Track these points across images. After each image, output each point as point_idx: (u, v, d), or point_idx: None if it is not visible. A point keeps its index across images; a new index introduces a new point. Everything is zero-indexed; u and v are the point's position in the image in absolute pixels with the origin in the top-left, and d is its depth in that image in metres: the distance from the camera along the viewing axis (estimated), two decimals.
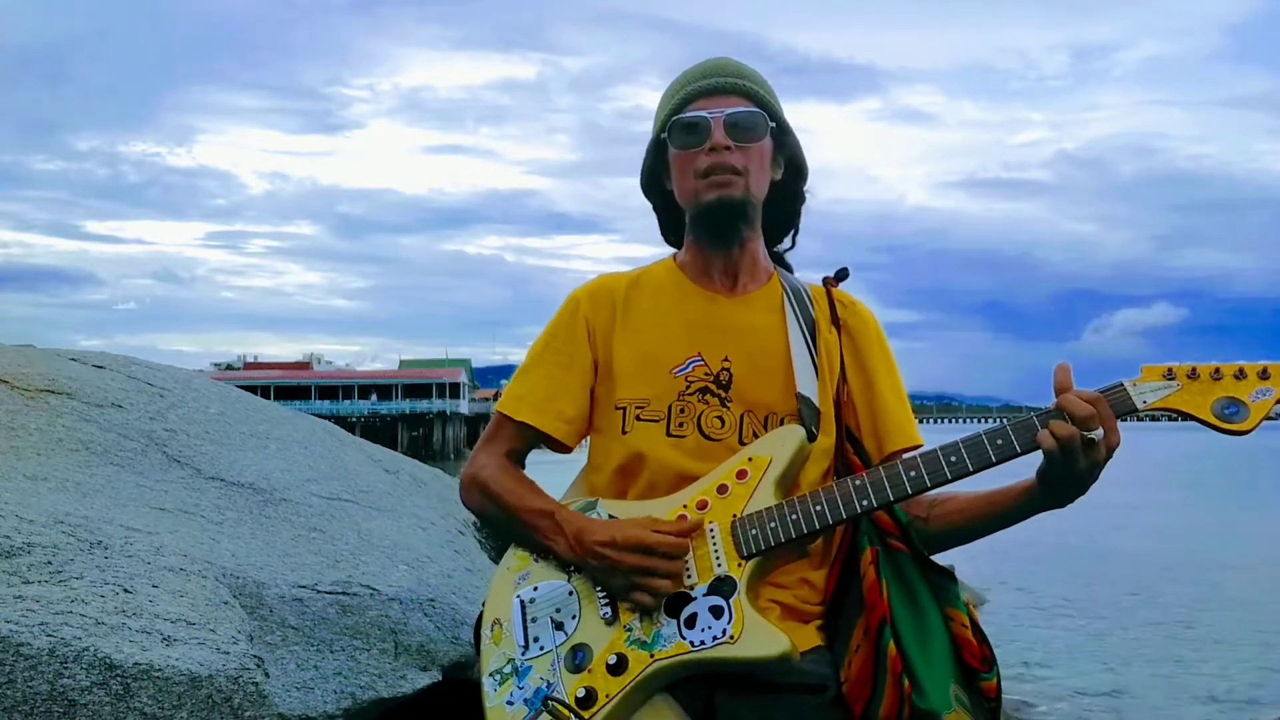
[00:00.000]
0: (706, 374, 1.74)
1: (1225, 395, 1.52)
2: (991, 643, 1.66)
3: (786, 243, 1.96)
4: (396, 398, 75.29)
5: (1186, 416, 1.54)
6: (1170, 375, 1.54)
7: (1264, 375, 1.52)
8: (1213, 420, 1.51)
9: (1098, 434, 1.51)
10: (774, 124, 1.80)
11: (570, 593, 1.69)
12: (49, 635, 1.88)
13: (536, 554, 1.76)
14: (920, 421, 1.91)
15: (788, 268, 1.97)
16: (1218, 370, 1.53)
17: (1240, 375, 1.52)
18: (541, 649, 1.67)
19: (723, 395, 1.73)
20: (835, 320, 1.83)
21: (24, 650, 1.84)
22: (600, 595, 1.66)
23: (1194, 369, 1.54)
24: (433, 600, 2.89)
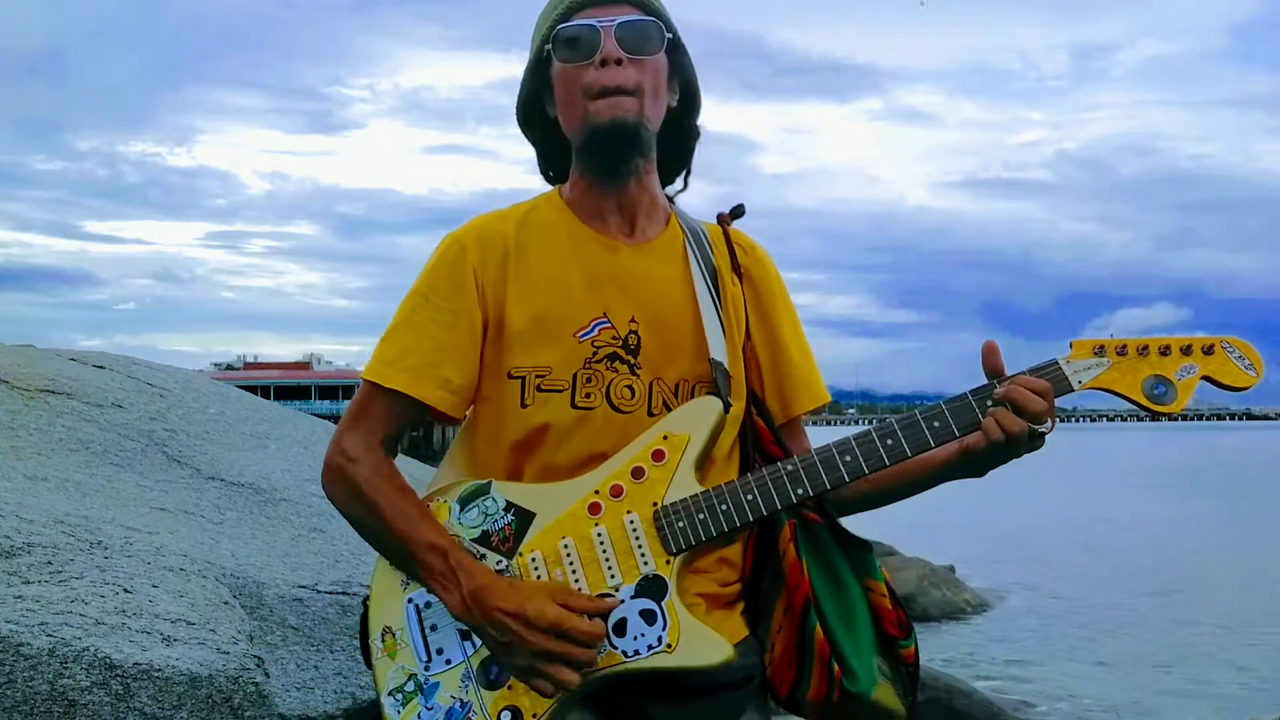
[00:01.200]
0: (614, 338, 1.54)
1: (1153, 374, 1.48)
2: (907, 608, 1.62)
3: (678, 184, 1.73)
4: None
5: (1118, 395, 1.49)
6: (1100, 352, 1.50)
7: (1186, 351, 1.48)
8: (1144, 401, 1.47)
9: (1047, 426, 1.45)
10: (670, 36, 1.58)
11: None
12: (49, 635, 1.88)
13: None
14: None
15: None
16: (1145, 346, 1.49)
17: (1165, 351, 1.49)
18: (448, 662, 1.49)
19: (632, 362, 1.54)
20: (736, 267, 1.65)
21: (24, 650, 1.84)
22: None
23: (1123, 344, 1.49)
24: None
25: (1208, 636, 9.81)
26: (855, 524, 1.67)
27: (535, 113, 1.67)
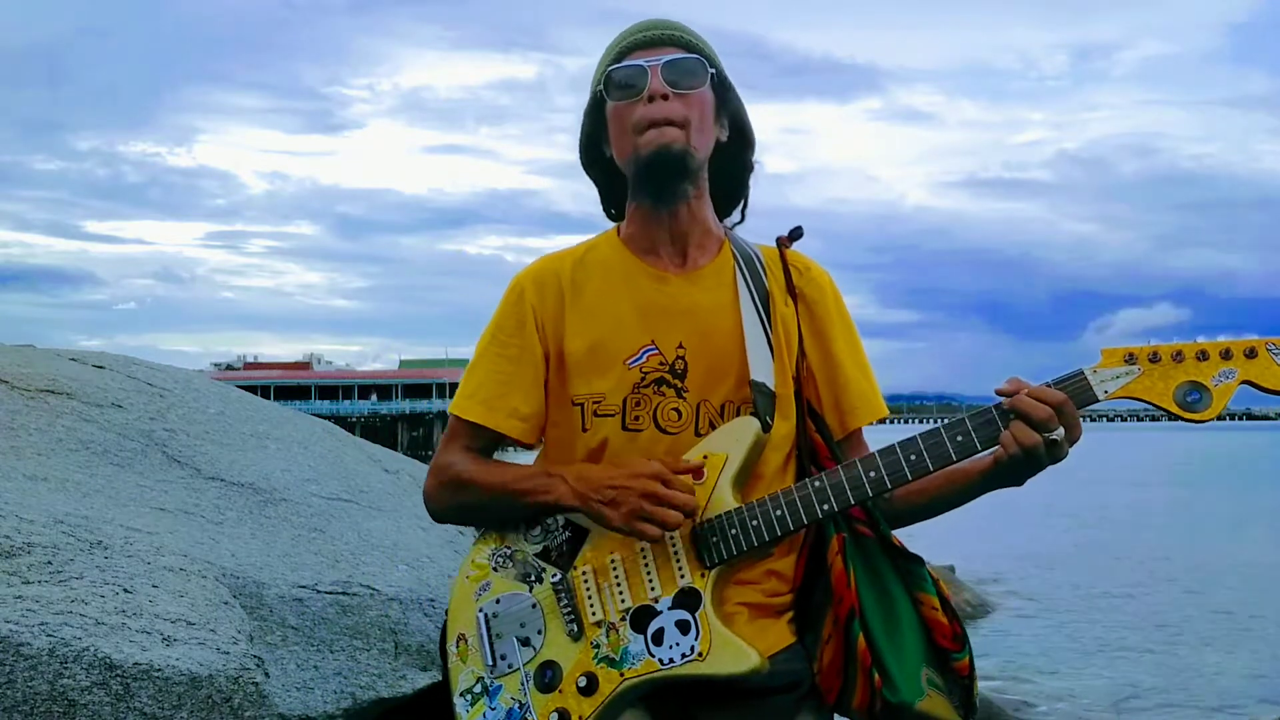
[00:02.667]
0: (661, 364, 1.67)
1: (1188, 380, 1.44)
2: (963, 621, 1.64)
3: (736, 216, 1.85)
4: (396, 398, 75.30)
5: (1148, 404, 1.46)
6: (1131, 359, 1.45)
7: (1226, 355, 1.43)
8: (1174, 409, 1.43)
9: (1059, 433, 1.46)
10: (714, 71, 1.72)
11: (534, 606, 1.64)
12: (49, 635, 1.88)
13: (496, 564, 1.70)
14: (920, 421, 1.84)
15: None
16: (1179, 352, 1.44)
17: (1203, 356, 1.43)
18: (510, 667, 1.63)
19: (678, 386, 1.66)
20: (791, 289, 1.74)
21: (24, 650, 1.84)
22: (564, 609, 1.61)
23: (1155, 351, 1.45)
24: (433, 600, 2.89)
25: (1208, 636, 9.81)
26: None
27: (595, 154, 1.79)
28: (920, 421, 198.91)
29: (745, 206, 1.85)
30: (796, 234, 1.79)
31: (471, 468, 1.71)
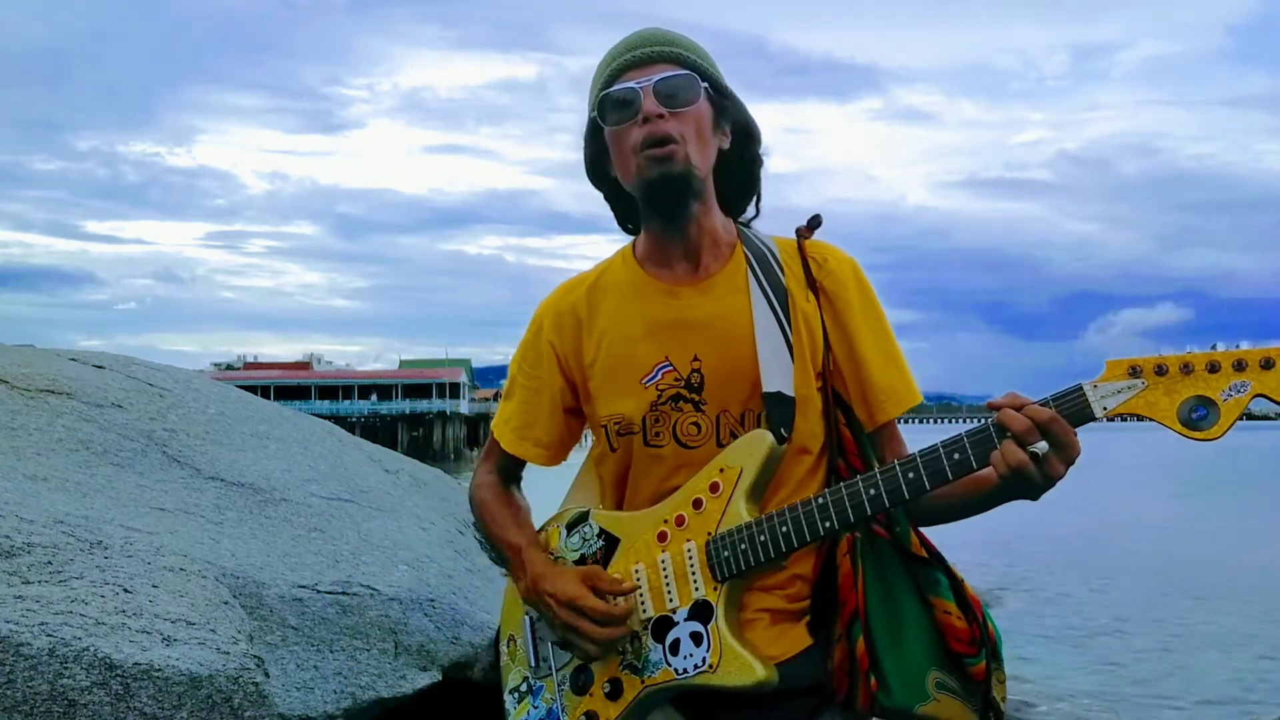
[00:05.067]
0: (677, 379, 1.68)
1: (1194, 395, 1.33)
2: (989, 623, 1.62)
3: (751, 211, 1.83)
4: (396, 398, 75.26)
5: (1153, 421, 1.36)
6: (1135, 372, 1.35)
7: (1239, 366, 1.31)
8: (1178, 428, 1.33)
9: (1041, 448, 1.40)
10: (707, 85, 1.70)
11: None
12: (49, 635, 1.88)
13: None
14: (920, 422, 1.82)
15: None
16: (1188, 364, 1.34)
17: (1213, 368, 1.32)
18: (550, 669, 1.72)
19: (696, 399, 1.68)
20: (811, 283, 1.72)
21: (24, 650, 1.84)
22: None
23: (1161, 363, 1.34)
24: (433, 600, 2.89)
25: (1208, 636, 9.81)
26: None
27: (600, 174, 1.80)
28: (920, 422, 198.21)
29: (759, 200, 1.83)
30: (815, 223, 1.77)
31: (490, 502, 1.85)
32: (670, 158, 1.64)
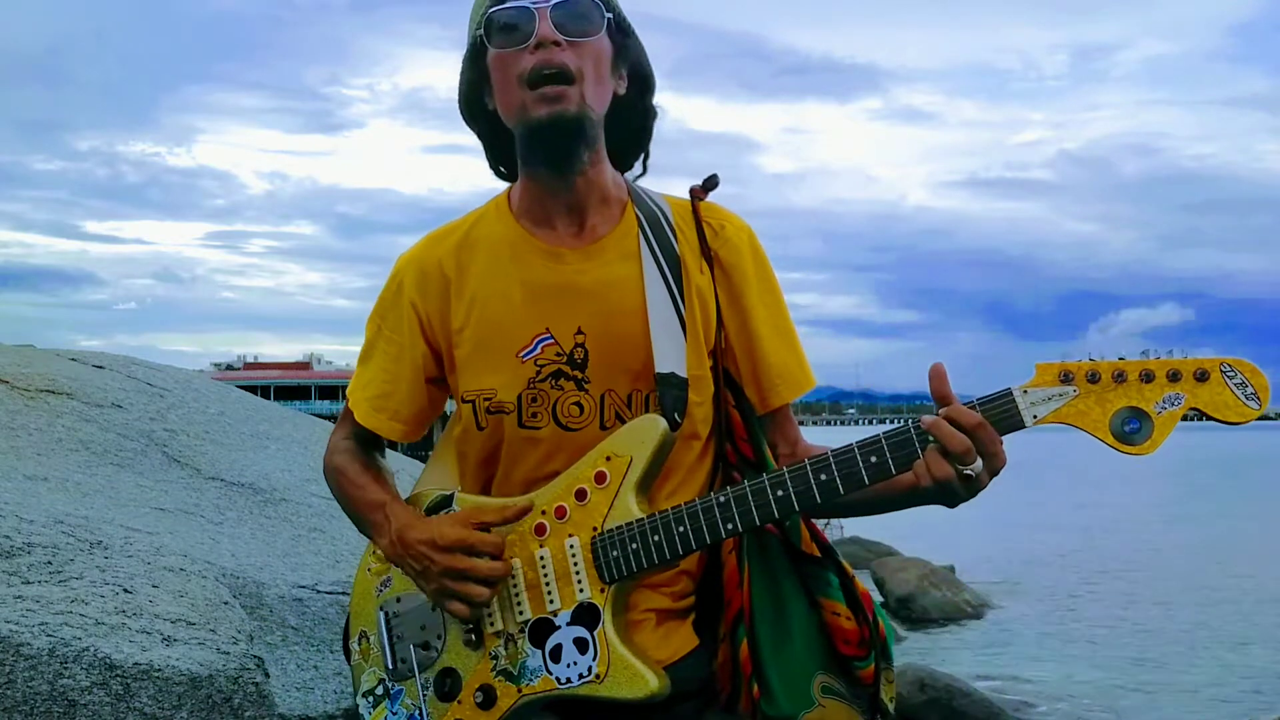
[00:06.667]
0: (558, 354, 1.50)
1: (1127, 405, 1.25)
2: (879, 622, 1.52)
3: (637, 169, 1.65)
4: None
5: (1083, 432, 1.28)
6: (1067, 378, 1.27)
7: (1173, 377, 1.24)
8: (1110, 440, 1.25)
9: (975, 468, 1.28)
10: (610, 16, 1.50)
11: (434, 608, 1.56)
12: (49, 635, 1.88)
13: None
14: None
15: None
16: (1121, 371, 1.26)
17: (1147, 377, 1.25)
18: (410, 671, 1.56)
19: (579, 377, 1.50)
20: (706, 252, 1.56)
21: (24, 650, 1.83)
22: None
23: (1093, 370, 1.26)
24: None
25: (1207, 636, 9.82)
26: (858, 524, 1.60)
27: (477, 106, 1.59)
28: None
29: (646, 158, 1.65)
30: (711, 183, 1.60)
31: (348, 466, 1.67)
32: (562, 98, 1.44)
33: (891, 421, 1.69)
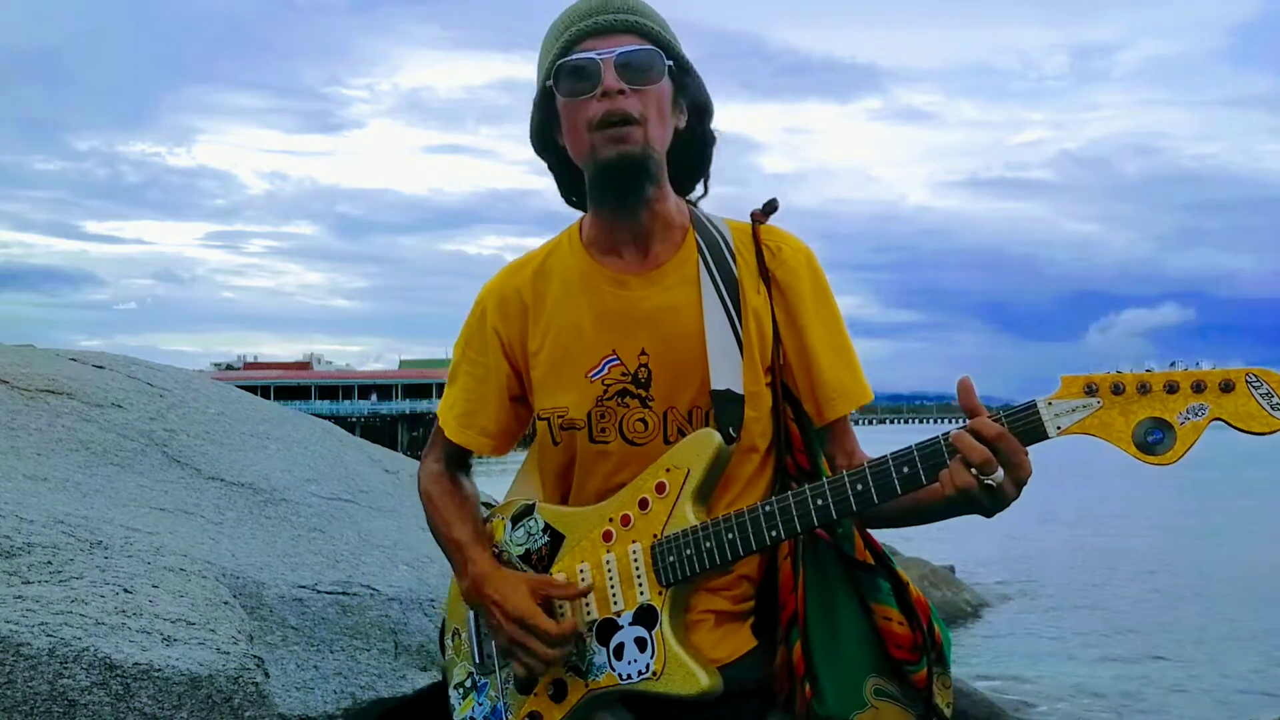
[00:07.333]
0: (624, 374, 1.63)
1: (1150, 416, 1.27)
2: (935, 628, 1.58)
3: (699, 190, 1.75)
4: (396, 398, 75.30)
5: (1108, 442, 1.29)
6: (1091, 390, 1.29)
7: (1197, 388, 1.25)
8: (1133, 451, 1.28)
9: (996, 478, 1.33)
10: (671, 62, 1.61)
11: None
12: (49, 635, 1.88)
13: None
14: (920, 421, 1.75)
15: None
16: (1144, 383, 1.27)
17: (1171, 388, 1.26)
18: (495, 666, 1.69)
19: (643, 395, 1.62)
20: (764, 273, 1.65)
21: (24, 650, 1.83)
22: None
23: (1118, 381, 1.28)
24: (433, 600, 2.89)
25: (1208, 636, 9.82)
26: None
27: (548, 140, 1.70)
28: (920, 422, 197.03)
29: (708, 180, 1.75)
30: (771, 207, 1.69)
31: (435, 493, 1.79)
32: (627, 139, 1.55)
33: (891, 422, 1.74)
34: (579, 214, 1.75)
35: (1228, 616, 10.69)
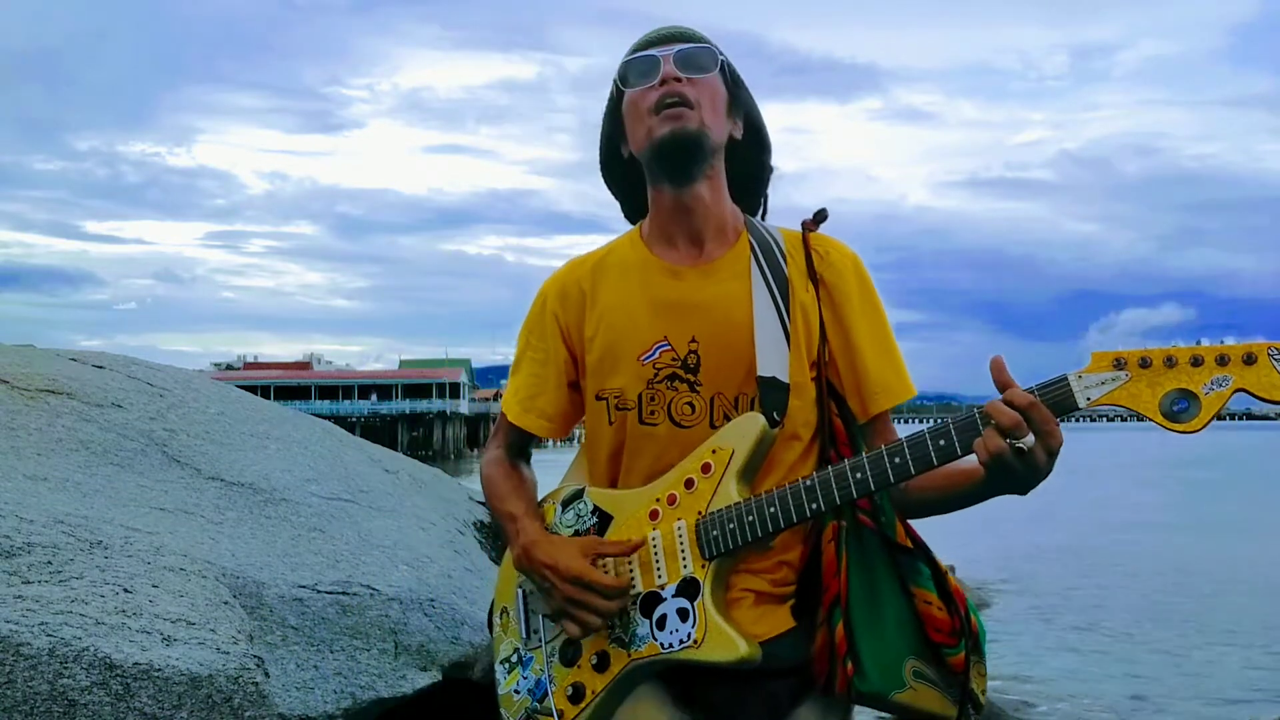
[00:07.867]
0: (674, 359, 1.73)
1: (1177, 388, 1.34)
2: (972, 616, 1.63)
3: (757, 215, 1.90)
4: (396, 398, 75.34)
5: (1134, 412, 1.36)
6: (1120, 365, 1.36)
7: (1222, 361, 1.32)
8: (1159, 419, 1.34)
9: (1028, 442, 1.39)
10: (724, 59, 1.80)
11: None
12: (49, 635, 1.88)
13: None
14: (920, 421, 1.82)
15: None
16: (1171, 357, 1.34)
17: (1196, 362, 1.33)
18: (540, 641, 1.76)
19: (691, 380, 1.72)
20: (812, 274, 1.77)
21: (24, 650, 1.84)
22: None
23: (1145, 356, 1.35)
24: (433, 600, 2.89)
25: (1209, 636, 9.82)
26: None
27: (614, 158, 1.87)
28: (920, 422, 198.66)
29: (765, 207, 1.91)
30: (821, 216, 1.82)
31: (493, 475, 1.89)
32: (682, 117, 1.70)
33: (892, 421, 1.81)
34: (580, 216, 1.84)
35: (1228, 616, 10.69)
